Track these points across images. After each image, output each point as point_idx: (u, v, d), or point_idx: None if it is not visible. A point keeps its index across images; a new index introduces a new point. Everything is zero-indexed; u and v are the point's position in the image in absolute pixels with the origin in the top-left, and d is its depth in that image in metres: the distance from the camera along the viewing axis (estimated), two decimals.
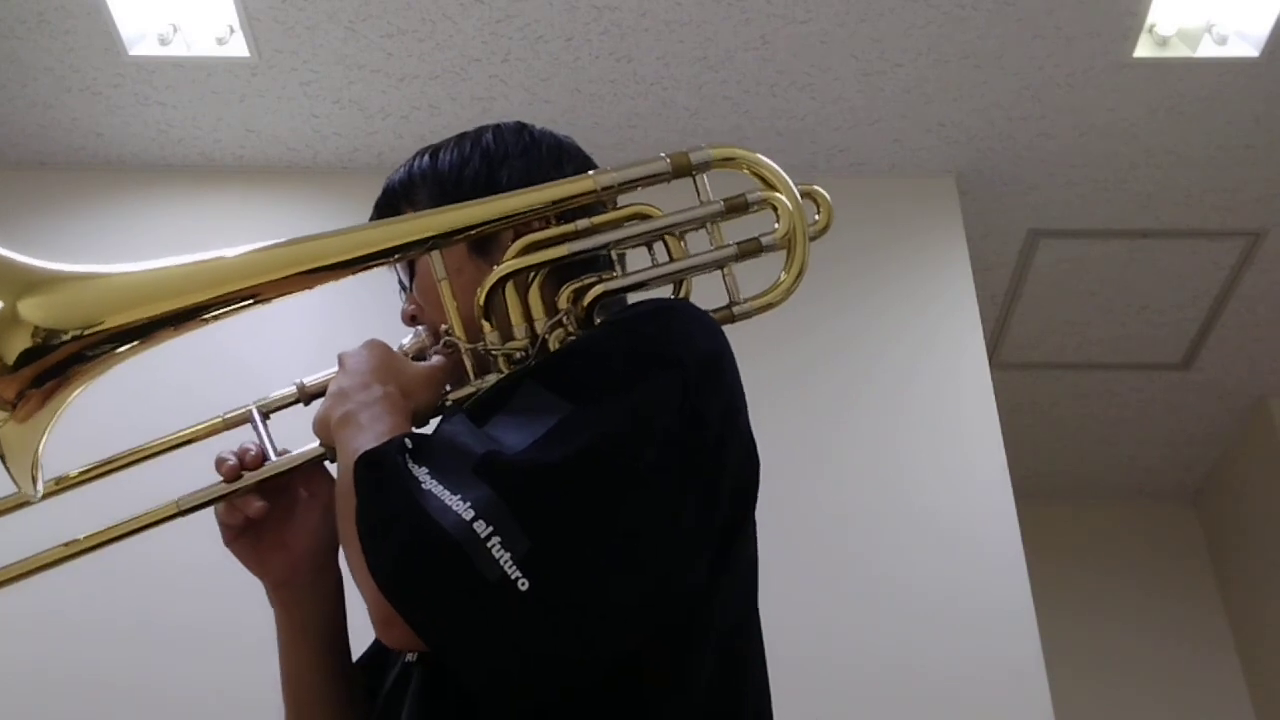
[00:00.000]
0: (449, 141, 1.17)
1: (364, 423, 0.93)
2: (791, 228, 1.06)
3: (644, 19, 2.64)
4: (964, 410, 2.72)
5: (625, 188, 1.06)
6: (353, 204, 2.92)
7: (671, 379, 0.89)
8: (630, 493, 0.83)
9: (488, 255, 1.07)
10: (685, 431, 0.88)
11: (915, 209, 2.96)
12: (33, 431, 0.93)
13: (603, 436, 0.84)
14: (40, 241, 2.79)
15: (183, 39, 2.67)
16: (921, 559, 2.52)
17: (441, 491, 0.81)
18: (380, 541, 0.82)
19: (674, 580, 0.85)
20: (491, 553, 0.78)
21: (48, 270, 0.97)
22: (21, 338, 0.92)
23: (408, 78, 2.75)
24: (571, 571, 0.79)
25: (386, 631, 0.82)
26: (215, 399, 1.15)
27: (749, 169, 1.08)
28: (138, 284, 0.99)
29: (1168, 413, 3.78)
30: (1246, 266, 3.25)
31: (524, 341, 1.02)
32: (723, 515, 0.91)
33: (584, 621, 0.80)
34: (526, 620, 0.78)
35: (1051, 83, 2.79)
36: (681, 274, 1.07)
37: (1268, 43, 2.69)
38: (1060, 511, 3.96)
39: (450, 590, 0.78)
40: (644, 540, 0.83)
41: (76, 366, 0.94)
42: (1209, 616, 3.92)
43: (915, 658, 2.41)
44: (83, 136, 2.86)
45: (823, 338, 2.68)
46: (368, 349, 1.03)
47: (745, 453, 0.96)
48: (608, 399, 0.87)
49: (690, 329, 0.96)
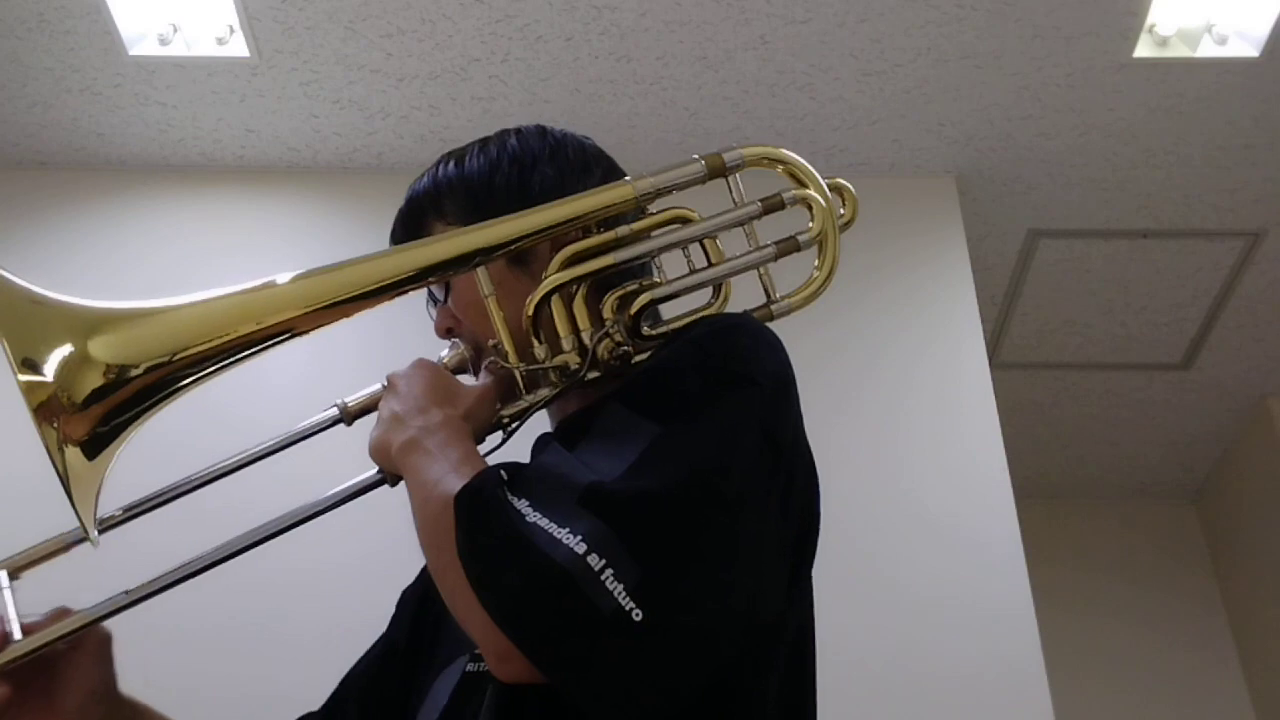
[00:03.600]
0: (472, 147, 1.16)
1: (432, 449, 0.92)
2: (825, 225, 1.07)
3: (644, 19, 2.64)
4: (964, 410, 2.72)
5: (661, 193, 1.06)
6: (353, 204, 2.95)
7: (749, 398, 0.91)
8: (723, 515, 0.84)
9: (526, 266, 1.07)
10: (763, 451, 0.89)
11: (915, 209, 2.96)
12: (95, 471, 0.93)
13: (694, 461, 0.84)
14: (40, 241, 2.79)
15: (183, 39, 2.67)
16: (921, 559, 2.52)
17: (548, 524, 0.81)
18: (490, 578, 0.81)
19: (762, 599, 0.87)
20: (605, 585, 0.78)
21: (112, 309, 0.97)
22: (93, 377, 0.93)
23: (408, 78, 2.75)
24: (680, 599, 0.80)
25: (502, 666, 0.82)
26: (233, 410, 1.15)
27: (783, 168, 1.09)
28: (199, 316, 0.99)
29: (1168, 413, 3.78)
30: (1246, 266, 3.25)
31: (573, 354, 1.02)
32: (791, 538, 0.93)
33: (695, 646, 0.81)
34: (644, 649, 0.78)
35: (1051, 83, 2.79)
36: (724, 277, 1.07)
37: (1268, 43, 2.69)
38: (1060, 511, 3.96)
39: (569, 624, 0.78)
40: (736, 561, 0.83)
41: (142, 403, 0.95)
42: (1209, 616, 3.91)
43: (914, 657, 2.41)
44: (83, 136, 2.86)
45: (822, 338, 2.68)
46: (418, 370, 1.02)
47: (808, 474, 0.99)
48: (691, 420, 0.87)
49: (759, 348, 0.97)
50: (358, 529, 1.69)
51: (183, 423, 1.13)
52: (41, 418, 0.90)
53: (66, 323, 0.94)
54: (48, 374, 0.91)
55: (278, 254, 2.77)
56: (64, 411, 0.91)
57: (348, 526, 1.11)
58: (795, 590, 0.95)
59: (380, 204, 3.03)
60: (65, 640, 1.00)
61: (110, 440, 0.93)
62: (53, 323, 0.94)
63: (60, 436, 0.90)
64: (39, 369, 0.91)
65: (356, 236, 2.84)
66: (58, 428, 0.90)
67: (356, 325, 1.03)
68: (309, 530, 1.03)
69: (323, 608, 2.34)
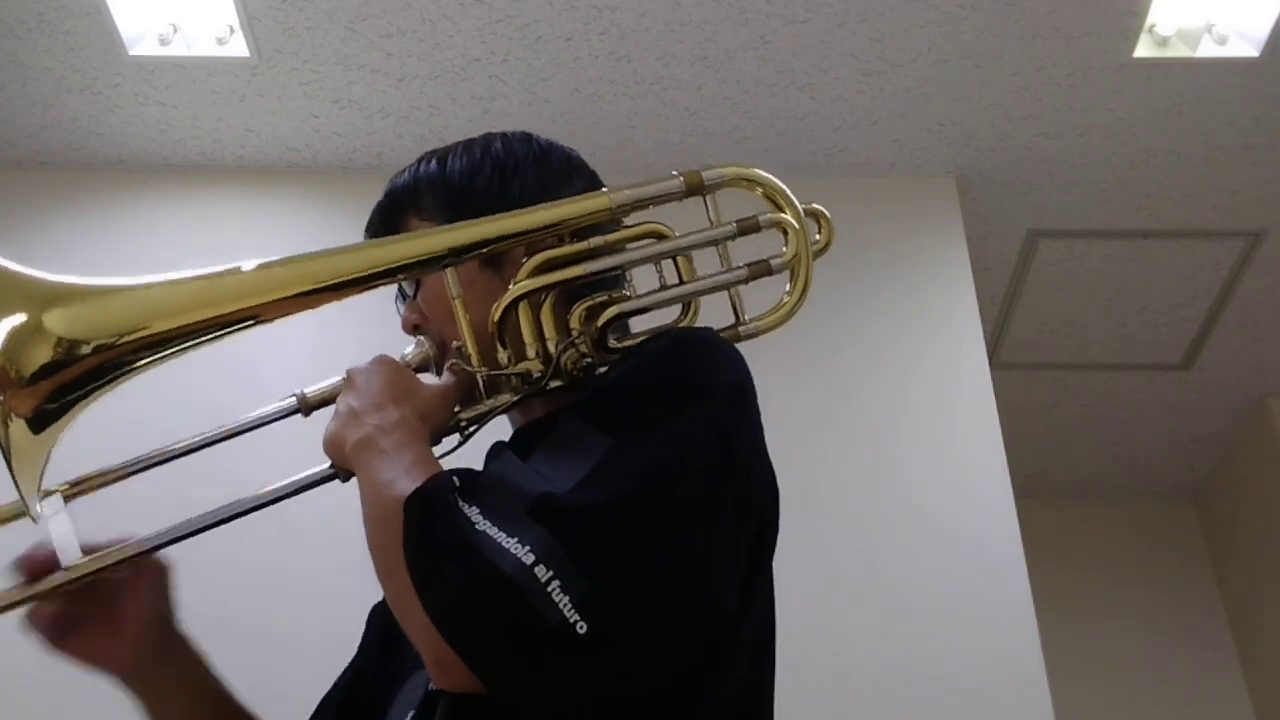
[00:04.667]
0: (455, 147, 1.16)
1: (386, 449, 0.92)
2: (799, 251, 1.07)
3: (644, 19, 2.64)
4: (964, 410, 2.72)
5: (638, 206, 1.06)
6: (353, 204, 2.92)
7: (703, 410, 0.91)
8: (672, 528, 0.84)
9: (498, 269, 1.07)
10: (718, 461, 0.89)
11: (915, 209, 2.96)
12: (41, 445, 0.92)
13: (646, 473, 0.85)
14: (40, 241, 2.79)
15: (183, 39, 2.67)
16: (921, 559, 2.52)
17: (496, 533, 0.81)
18: (435, 583, 0.81)
19: (714, 608, 0.87)
20: (551, 596, 0.78)
21: (70, 283, 0.96)
22: (43, 350, 0.91)
23: (407, 78, 2.75)
24: (625, 612, 0.80)
25: (442, 673, 0.82)
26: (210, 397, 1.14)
27: (761, 191, 1.09)
28: (159, 296, 0.98)
29: (1168, 413, 3.78)
30: (1246, 266, 3.25)
31: (536, 361, 1.01)
32: (749, 540, 0.93)
33: (640, 659, 0.81)
34: (587, 662, 0.78)
35: (1051, 83, 2.79)
36: (694, 296, 1.07)
37: (1268, 43, 2.69)
38: (1060, 511, 3.95)
39: (511, 634, 0.78)
40: (687, 573, 0.84)
41: (94, 381, 0.93)
42: (1209, 616, 3.91)
43: (915, 657, 2.41)
44: (83, 136, 2.86)
45: (822, 338, 2.68)
46: (379, 367, 1.01)
47: (766, 480, 0.98)
48: (645, 432, 0.88)
49: (718, 360, 0.97)
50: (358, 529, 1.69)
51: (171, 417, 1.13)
52: None
53: (23, 292, 0.93)
54: None
55: (278, 254, 2.76)
56: (10, 385, 0.89)
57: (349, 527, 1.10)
58: (751, 592, 0.95)
59: None
60: (127, 566, 1.01)
61: (58, 417, 0.92)
62: (9, 292, 0.93)
63: (5, 409, 0.89)
64: None
65: (356, 236, 2.82)
66: (3, 401, 0.89)
67: (356, 320, 1.03)
68: (307, 531, 1.04)
69: (323, 609, 2.34)
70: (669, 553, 0.83)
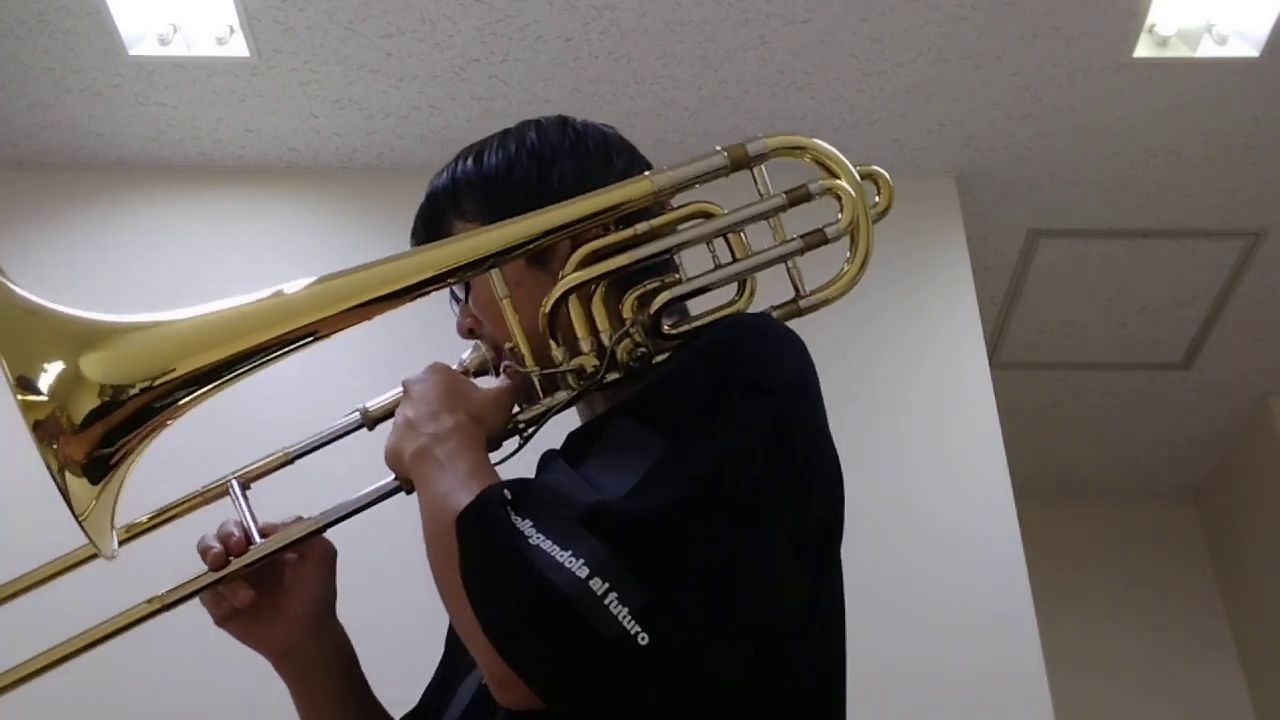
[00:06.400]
0: (491, 141, 1.13)
1: (442, 459, 0.91)
2: (855, 216, 1.04)
3: (644, 19, 2.64)
4: (964, 410, 2.72)
5: (681, 187, 1.03)
6: (353, 204, 2.95)
7: (762, 407, 0.88)
8: (731, 532, 0.82)
9: (545, 265, 1.04)
10: (777, 461, 0.87)
11: (915, 209, 2.96)
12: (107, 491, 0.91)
13: (701, 476, 0.83)
14: (40, 241, 2.79)
15: (183, 39, 2.67)
16: (921, 559, 2.52)
17: (551, 547, 0.79)
18: (493, 601, 0.80)
19: (777, 614, 0.85)
20: (609, 609, 0.76)
21: (105, 322, 0.95)
22: (88, 398, 0.90)
23: (407, 78, 2.75)
24: (686, 621, 0.78)
25: (503, 692, 0.81)
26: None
27: (810, 157, 1.05)
28: (199, 329, 0.96)
29: (1168, 412, 3.78)
30: (1246, 266, 3.25)
31: (591, 356, 0.99)
32: (811, 541, 0.90)
33: (702, 668, 0.79)
34: (649, 674, 0.77)
35: (1051, 83, 2.79)
36: (747, 273, 1.04)
37: (1268, 43, 2.69)
38: (1060, 511, 3.95)
39: (570, 650, 0.77)
40: (747, 579, 0.82)
41: (147, 420, 0.93)
42: (1209, 616, 3.91)
43: (914, 657, 2.41)
44: (83, 136, 2.86)
45: (822, 338, 2.67)
46: (432, 374, 1.00)
47: (829, 475, 0.96)
48: (700, 432, 0.85)
49: (776, 350, 0.95)
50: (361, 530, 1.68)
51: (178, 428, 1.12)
52: (40, 438, 0.88)
53: (58, 335, 0.92)
54: (44, 393, 0.89)
55: (277, 254, 2.77)
56: (63, 432, 0.89)
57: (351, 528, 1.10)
58: (819, 595, 0.93)
59: (380, 204, 3.05)
60: (296, 548, 1.03)
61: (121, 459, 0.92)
62: (48, 337, 0.92)
63: (61, 458, 0.88)
64: (34, 388, 0.88)
65: (356, 236, 2.84)
66: (57, 449, 0.88)
67: (359, 330, 1.03)
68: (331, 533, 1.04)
69: None
70: (727, 558, 0.81)
